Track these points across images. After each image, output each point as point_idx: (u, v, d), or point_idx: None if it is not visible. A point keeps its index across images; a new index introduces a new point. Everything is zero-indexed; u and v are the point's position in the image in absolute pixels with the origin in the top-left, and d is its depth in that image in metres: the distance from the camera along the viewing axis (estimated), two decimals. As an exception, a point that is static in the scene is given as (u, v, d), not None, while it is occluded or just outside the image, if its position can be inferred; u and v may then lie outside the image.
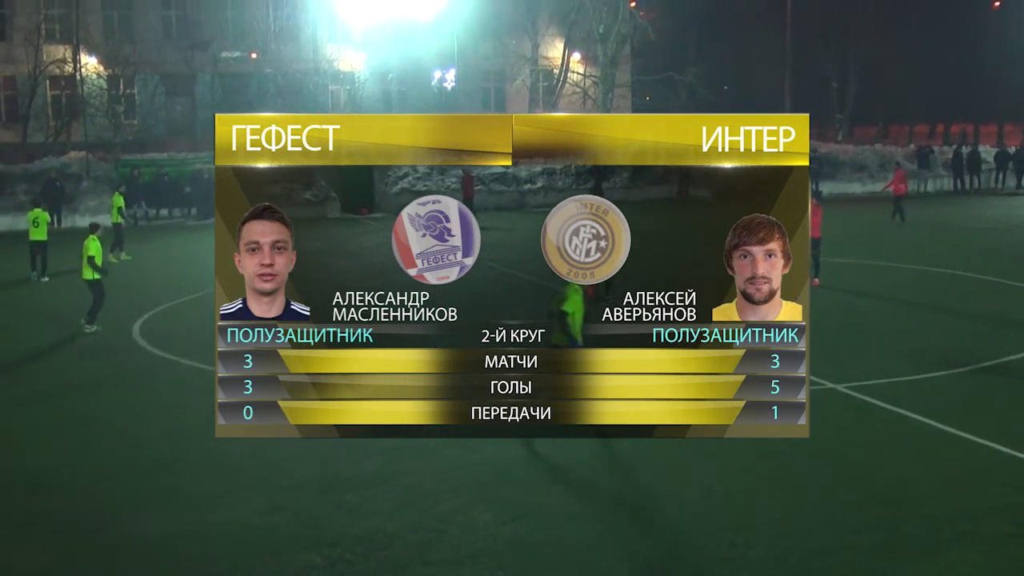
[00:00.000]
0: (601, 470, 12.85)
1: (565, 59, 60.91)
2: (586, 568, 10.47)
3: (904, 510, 11.64)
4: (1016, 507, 11.70)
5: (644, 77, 62.12)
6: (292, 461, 13.23)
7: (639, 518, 11.62)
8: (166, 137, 56.46)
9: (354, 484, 12.67)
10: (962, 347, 18.65)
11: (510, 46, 61.05)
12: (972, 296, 23.76)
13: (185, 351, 19.20)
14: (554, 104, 59.89)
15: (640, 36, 59.82)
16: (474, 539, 11.13)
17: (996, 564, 10.36)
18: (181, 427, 14.86)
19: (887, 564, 10.40)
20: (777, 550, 10.70)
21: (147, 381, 17.62)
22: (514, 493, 12.30)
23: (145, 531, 11.50)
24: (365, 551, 10.91)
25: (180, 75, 59.25)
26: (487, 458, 13.19)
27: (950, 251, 30.72)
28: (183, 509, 12.09)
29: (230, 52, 59.03)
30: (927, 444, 13.71)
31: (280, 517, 11.82)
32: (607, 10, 57.78)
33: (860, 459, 12.77)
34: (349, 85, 59.93)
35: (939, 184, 50.85)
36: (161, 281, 27.19)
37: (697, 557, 10.62)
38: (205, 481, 12.89)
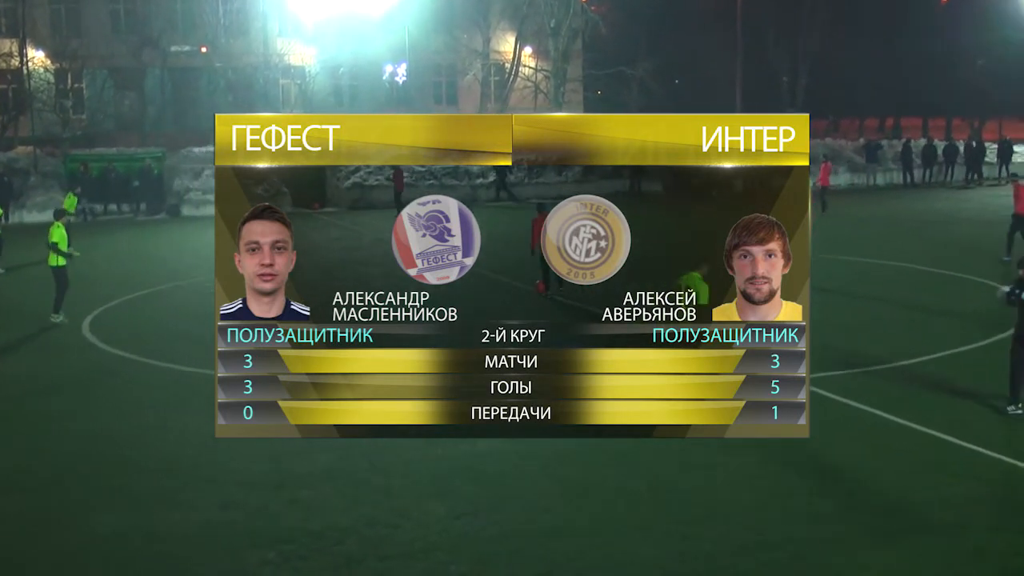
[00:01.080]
0: (556, 464, 12.86)
1: (517, 53, 60.88)
2: (540, 562, 10.48)
3: (858, 502, 11.74)
4: (967, 497, 11.84)
5: (596, 72, 62.20)
6: (246, 459, 13.15)
7: (594, 512, 11.65)
8: (115, 132, 55.89)
9: (308, 480, 12.61)
10: (913, 339, 18.83)
11: (461, 40, 60.95)
12: (922, 289, 24.00)
13: (136, 348, 19.05)
14: (506, 99, 59.85)
15: (591, 30, 59.89)
16: (428, 533, 11.12)
17: (946, 553, 10.48)
18: (134, 425, 14.73)
19: (841, 556, 10.49)
20: (731, 543, 10.77)
21: (97, 379, 17.45)
22: (468, 487, 12.30)
23: (100, 530, 11.40)
24: (319, 547, 10.87)
25: (129, 69, 58.64)
26: (442, 453, 13.18)
27: (900, 244, 31.02)
28: (137, 508, 11.99)
29: (179, 46, 58.50)
30: (880, 436, 13.83)
31: (234, 514, 11.75)
32: (558, 4, 57.78)
33: (814, 452, 12.87)
34: (300, 79, 59.59)
35: (888, 178, 51.34)
36: (110, 277, 26.94)
37: (651, 550, 10.66)
38: (159, 479, 12.79)
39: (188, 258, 30.40)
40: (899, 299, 22.52)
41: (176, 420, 14.70)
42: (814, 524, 11.17)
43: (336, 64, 59.07)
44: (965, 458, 13.04)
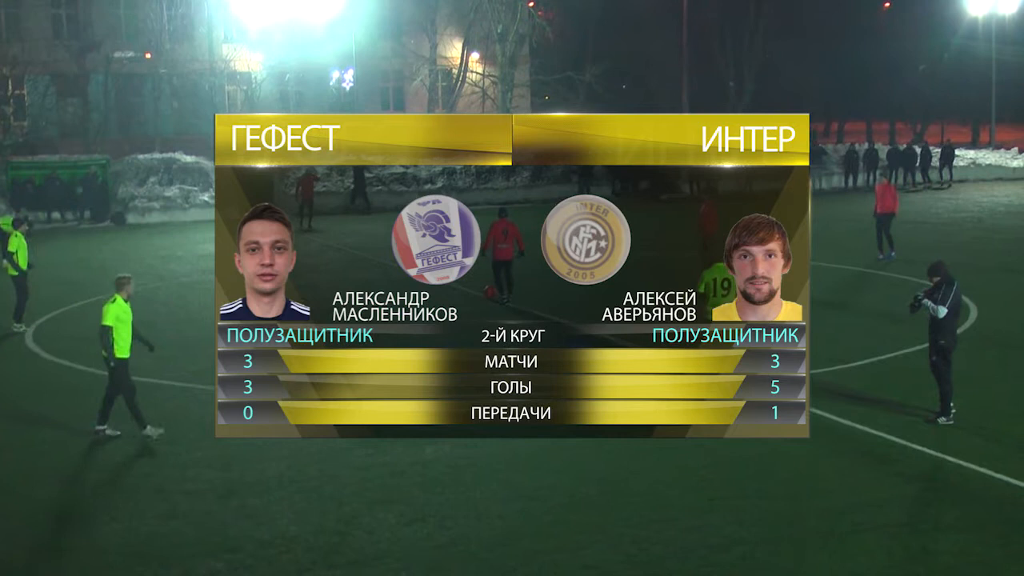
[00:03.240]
0: (507, 470, 12.86)
1: (464, 59, 60.86)
2: (490, 567, 10.48)
3: (804, 503, 11.83)
4: (910, 497, 11.98)
5: (543, 77, 62.28)
6: (193, 467, 13.05)
7: (544, 517, 11.66)
8: (58, 139, 55.24)
9: (256, 489, 12.53)
10: (856, 342, 18.98)
11: (409, 46, 60.82)
12: (864, 291, 24.22)
13: (80, 357, 18.80)
14: (453, 104, 59.79)
15: (538, 36, 59.99)
16: (377, 540, 11.08)
17: (891, 553, 10.60)
18: (77, 435, 14.55)
19: (788, 557, 10.57)
20: (678, 546, 10.82)
21: (40, 388, 17.23)
22: (417, 494, 12.26)
23: (43, 542, 11.26)
24: (268, 555, 10.80)
25: (72, 75, 57.93)
26: (390, 460, 13.14)
27: (841, 247, 31.27)
28: (80, 519, 11.85)
29: (123, 52, 57.87)
30: (826, 438, 13.92)
31: (181, 524, 11.64)
32: (505, 10, 57.81)
33: (761, 454, 12.94)
34: (246, 85, 59.20)
35: (832, 181, 51.74)
36: (54, 286, 26.58)
37: (600, 554, 10.68)
38: (103, 490, 12.65)
39: (133, 266, 30.05)
40: (841, 302, 22.69)
41: (121, 429, 14.54)
42: (762, 525, 11.24)
43: (283, 70, 58.73)
44: (908, 458, 13.18)
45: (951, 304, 13.94)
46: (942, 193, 45.09)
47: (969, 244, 30.29)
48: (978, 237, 32.08)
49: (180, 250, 33.02)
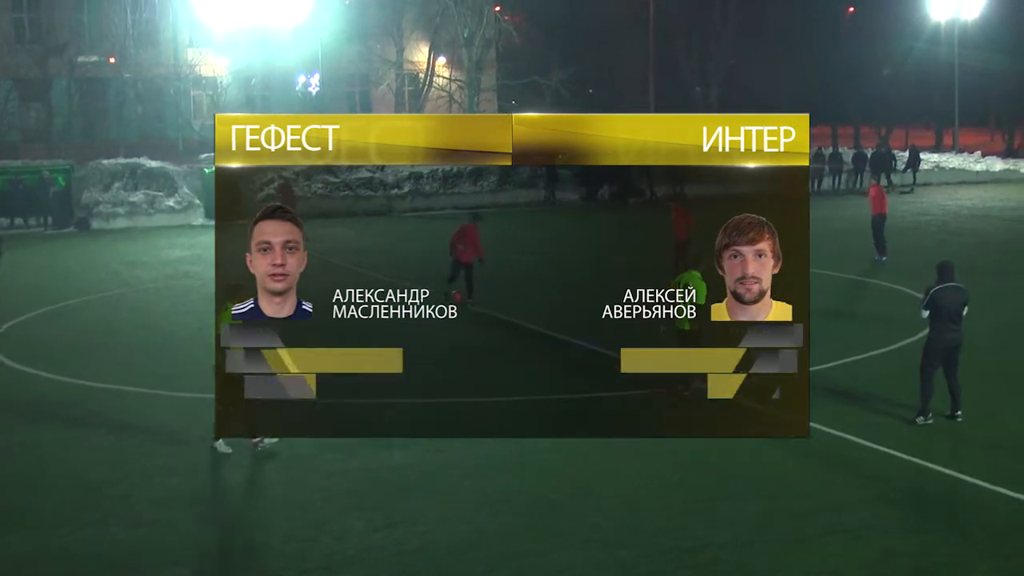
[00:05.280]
0: (474, 474, 12.81)
1: (430, 63, 60.88)
2: (460, 572, 10.43)
3: (774, 505, 11.85)
4: (877, 499, 12.02)
5: (510, 81, 62.41)
6: (159, 474, 12.94)
7: (514, 522, 11.61)
8: (21, 144, 54.85)
9: (223, 495, 12.45)
10: (825, 345, 18.99)
11: (375, 50, 60.79)
12: (832, 295, 24.28)
13: (44, 364, 18.63)
14: (420, 108, 59.74)
15: (505, 40, 60.10)
16: (346, 547, 11.01)
17: (859, 554, 10.63)
18: (41, 443, 14.40)
19: (758, 559, 10.58)
20: (649, 549, 10.80)
21: (5, 395, 17.05)
22: (386, 499, 12.20)
23: (5, 551, 11.12)
24: (235, 563, 10.72)
25: (34, 80, 57.51)
26: (359, 465, 13.06)
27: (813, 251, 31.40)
28: (44, 527, 11.70)
29: (87, 56, 57.56)
30: (796, 440, 13.93)
31: (146, 532, 11.52)
32: (472, 14, 57.91)
33: (732, 456, 12.95)
34: (211, 90, 59.00)
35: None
36: (17, 293, 26.33)
37: (570, 558, 10.65)
38: (67, 497, 12.51)
39: (98, 272, 29.89)
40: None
41: (86, 437, 14.41)
42: (732, 528, 11.25)
43: (248, 74, 58.56)
44: (876, 460, 13.23)
45: (927, 305, 14.22)
46: (906, 196, 45.33)
47: (934, 248, 30.44)
48: (943, 241, 32.28)
49: (145, 256, 32.79)
